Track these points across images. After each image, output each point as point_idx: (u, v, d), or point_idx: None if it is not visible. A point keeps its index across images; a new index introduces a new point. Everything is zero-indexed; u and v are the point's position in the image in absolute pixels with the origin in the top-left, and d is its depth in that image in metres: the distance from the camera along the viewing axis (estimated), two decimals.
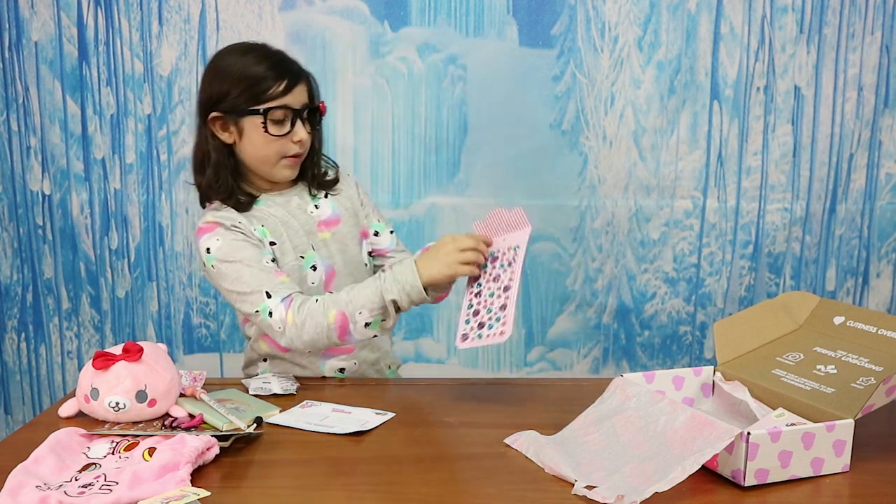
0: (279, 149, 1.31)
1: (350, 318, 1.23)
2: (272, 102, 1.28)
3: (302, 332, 1.24)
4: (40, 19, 1.97)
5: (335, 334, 1.24)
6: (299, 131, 1.31)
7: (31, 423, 1.12)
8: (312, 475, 0.95)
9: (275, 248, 1.34)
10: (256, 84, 1.28)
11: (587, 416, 1.06)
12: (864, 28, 1.99)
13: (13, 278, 2.10)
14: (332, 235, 1.40)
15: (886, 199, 2.06)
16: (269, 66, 1.29)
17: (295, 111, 1.30)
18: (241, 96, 1.28)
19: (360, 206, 1.47)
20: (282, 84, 1.29)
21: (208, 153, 1.34)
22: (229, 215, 1.33)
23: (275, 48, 1.34)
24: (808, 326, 1.19)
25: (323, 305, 1.24)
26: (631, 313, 2.11)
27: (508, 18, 1.98)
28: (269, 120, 1.29)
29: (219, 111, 1.31)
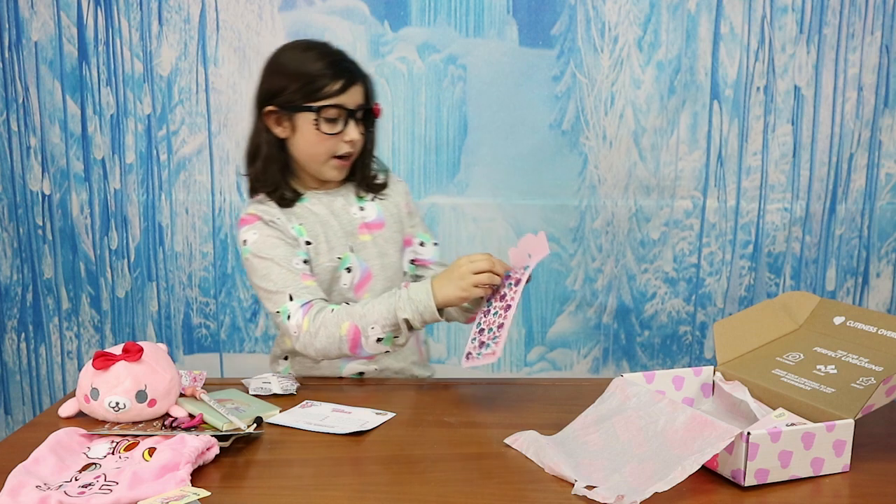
0: (330, 147, 1.32)
1: (362, 332, 1.23)
2: (326, 101, 1.29)
3: (315, 339, 1.25)
4: (40, 19, 1.97)
5: (346, 346, 1.25)
6: (351, 131, 1.31)
7: (31, 423, 1.12)
8: (312, 475, 0.95)
9: (310, 247, 1.34)
10: (313, 81, 1.29)
11: (587, 416, 1.06)
12: (864, 28, 1.99)
13: (13, 278, 2.10)
14: (373, 238, 1.39)
15: (886, 199, 2.06)
16: (328, 65, 1.30)
17: (349, 111, 1.30)
18: (297, 92, 1.29)
19: (406, 213, 1.46)
20: (338, 83, 1.29)
21: (260, 146, 1.35)
22: (270, 210, 1.34)
23: (336, 47, 1.35)
24: (808, 326, 1.19)
25: (337, 316, 1.24)
26: (631, 313, 2.11)
27: (508, 18, 1.98)
28: (322, 118, 1.29)
29: (274, 105, 1.31)
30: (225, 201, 2.05)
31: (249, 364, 2.10)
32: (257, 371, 1.34)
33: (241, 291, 2.08)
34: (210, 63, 1.99)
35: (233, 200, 2.05)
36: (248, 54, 1.99)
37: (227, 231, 2.06)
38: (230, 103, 2.01)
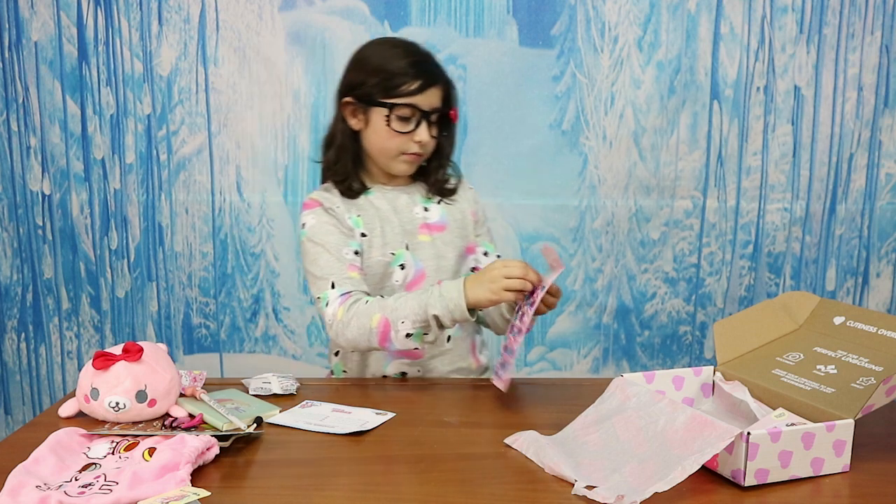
0: (400, 145, 1.32)
1: (392, 326, 1.24)
2: (401, 99, 1.30)
3: (346, 329, 1.27)
4: (40, 19, 1.97)
5: (376, 339, 1.25)
6: (422, 132, 1.31)
7: (31, 423, 1.12)
8: (312, 475, 0.95)
9: (364, 240, 1.36)
10: (391, 78, 1.30)
11: (587, 416, 1.06)
12: (864, 28, 1.99)
13: (13, 278, 2.10)
14: (431, 240, 1.39)
15: (886, 199, 2.06)
16: (409, 64, 1.30)
17: (422, 112, 1.31)
18: (375, 87, 1.31)
19: (472, 221, 1.45)
20: (415, 83, 1.29)
21: (335, 135, 1.38)
22: (331, 198, 1.37)
23: (423, 49, 1.36)
24: (808, 326, 1.19)
25: (370, 308, 1.26)
26: (631, 313, 2.11)
27: (508, 18, 1.98)
28: (394, 115, 1.30)
29: (352, 97, 1.33)
30: (225, 201, 2.05)
31: (249, 364, 2.10)
32: (257, 371, 1.34)
33: (241, 291, 2.08)
34: (210, 63, 1.99)
35: (233, 200, 2.05)
36: (248, 54, 1.99)
37: (227, 231, 2.06)
38: (230, 103, 2.01)
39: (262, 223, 2.06)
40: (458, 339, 1.41)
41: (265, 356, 2.11)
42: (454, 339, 1.40)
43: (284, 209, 2.05)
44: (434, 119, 1.33)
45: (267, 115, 2.01)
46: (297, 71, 2.00)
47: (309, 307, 2.09)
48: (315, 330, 2.10)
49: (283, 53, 1.99)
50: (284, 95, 2.01)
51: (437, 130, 1.35)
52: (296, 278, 2.07)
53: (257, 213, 2.05)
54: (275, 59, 1.99)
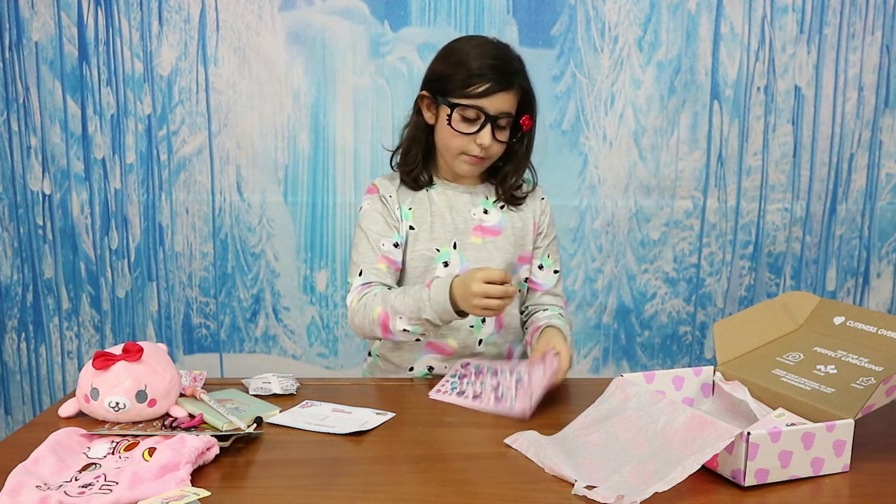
0: (461, 145, 1.33)
1: (391, 319, 1.27)
2: (466, 100, 1.29)
3: (355, 317, 1.32)
4: (40, 19, 1.97)
5: (378, 330, 1.29)
6: (484, 135, 1.30)
7: (31, 423, 1.12)
8: (312, 475, 0.95)
9: (412, 233, 1.37)
10: (462, 78, 1.30)
11: (587, 416, 1.06)
12: (864, 28, 1.99)
13: (13, 278, 2.10)
14: (483, 243, 1.39)
15: (887, 199, 2.06)
16: (484, 66, 1.29)
17: (488, 115, 1.30)
18: (446, 84, 1.31)
19: (533, 231, 1.44)
20: (484, 86, 1.29)
21: (410, 126, 1.40)
22: (389, 186, 1.39)
23: (510, 53, 1.35)
24: (808, 326, 1.19)
25: (375, 300, 1.30)
26: (631, 313, 2.11)
27: (508, 18, 1.98)
28: (457, 115, 1.30)
29: (427, 91, 1.35)
30: (225, 201, 2.05)
31: (249, 364, 2.10)
32: (257, 371, 1.34)
33: (241, 291, 2.08)
34: (210, 63, 1.99)
35: (233, 200, 2.05)
36: (248, 54, 1.99)
37: (227, 231, 2.06)
38: (230, 103, 2.01)
39: (262, 223, 2.06)
40: (489, 343, 1.40)
41: (265, 356, 2.11)
42: (486, 344, 1.40)
43: (284, 209, 2.05)
44: (504, 123, 1.33)
45: (267, 115, 2.01)
46: (297, 71, 2.00)
47: (309, 307, 2.09)
48: (315, 330, 2.10)
49: (283, 53, 1.99)
50: (284, 95, 2.01)
51: (507, 136, 1.34)
52: (296, 278, 2.08)
53: (257, 213, 2.05)
54: (275, 59, 1.99)
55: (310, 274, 2.07)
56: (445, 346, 1.38)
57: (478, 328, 1.39)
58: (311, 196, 2.04)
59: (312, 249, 2.06)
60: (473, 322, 1.38)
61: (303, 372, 1.84)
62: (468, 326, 1.38)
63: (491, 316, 1.25)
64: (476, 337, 1.39)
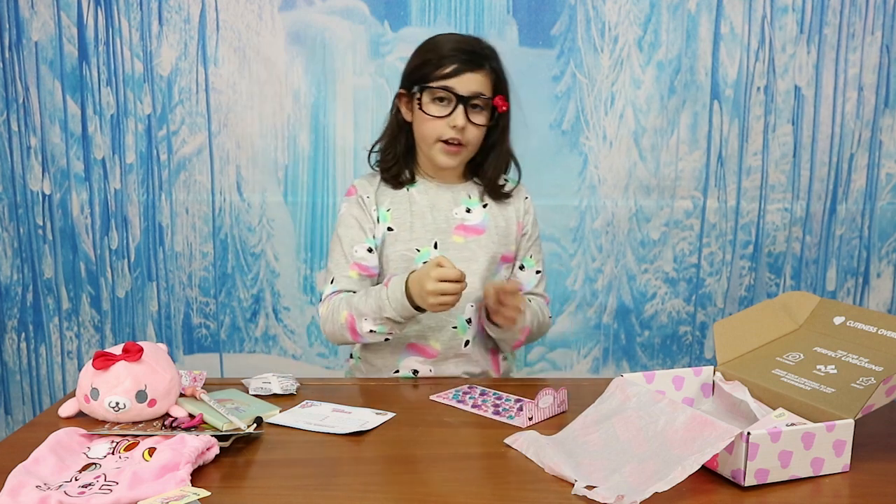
0: (436, 130, 1.32)
1: (357, 322, 1.29)
2: (435, 82, 1.30)
3: (326, 325, 1.34)
4: (40, 19, 1.97)
5: (347, 334, 1.31)
6: (457, 116, 1.30)
7: (31, 423, 1.12)
8: (312, 475, 0.95)
9: (390, 234, 1.36)
10: (424, 66, 1.31)
11: (587, 416, 1.06)
12: (864, 28, 1.99)
13: (13, 278, 2.10)
14: (465, 242, 1.38)
15: (887, 199, 2.06)
16: (453, 49, 1.31)
17: (459, 96, 1.30)
18: (413, 77, 1.33)
19: (517, 230, 1.44)
20: (451, 66, 1.29)
21: (390, 124, 1.40)
22: (367, 187, 1.40)
23: (485, 42, 1.36)
24: (808, 326, 1.19)
25: (340, 305, 1.31)
26: (631, 313, 2.11)
27: (508, 18, 1.98)
28: (427, 98, 1.31)
29: (405, 88, 1.36)
30: (225, 201, 2.05)
31: (249, 364, 2.10)
32: (257, 371, 1.34)
33: (241, 291, 2.08)
34: (210, 63, 1.99)
35: (233, 200, 2.05)
36: (248, 54, 1.99)
37: (227, 231, 2.06)
38: (230, 103, 2.01)
39: (262, 223, 2.06)
40: (476, 343, 1.40)
41: (265, 356, 2.11)
42: (471, 345, 1.39)
43: (284, 209, 2.05)
44: (478, 104, 1.32)
45: (267, 115, 2.01)
46: (297, 71, 2.00)
47: (309, 307, 2.09)
48: (315, 330, 2.10)
49: (283, 53, 1.99)
50: (284, 95, 2.01)
51: (483, 119, 1.33)
52: (296, 278, 2.07)
53: (257, 213, 2.05)
54: (275, 59, 1.99)
55: (310, 274, 2.07)
56: (428, 348, 1.37)
57: (462, 329, 1.38)
58: (311, 196, 2.04)
59: (312, 249, 2.06)
60: (457, 324, 1.37)
61: (303, 372, 1.84)
62: (451, 328, 1.37)
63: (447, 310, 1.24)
64: (461, 338, 1.38)
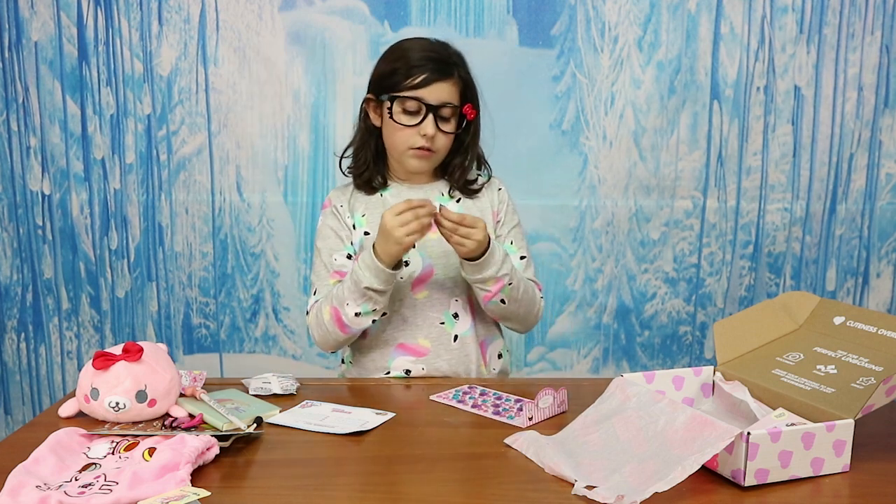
0: (406, 139, 1.33)
1: (341, 311, 1.30)
2: (404, 92, 1.31)
3: (315, 332, 1.36)
4: (40, 19, 1.97)
5: (335, 328, 1.32)
6: (427, 125, 1.31)
7: (31, 423, 1.12)
8: (312, 475, 0.95)
9: (367, 237, 1.37)
10: (394, 74, 1.32)
11: (587, 416, 1.06)
12: (864, 28, 1.99)
13: (13, 278, 2.10)
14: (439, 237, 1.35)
15: (886, 199, 2.06)
16: (422, 58, 1.31)
17: (429, 106, 1.31)
18: (388, 81, 1.33)
19: (492, 220, 1.43)
20: (421, 76, 1.30)
21: (359, 131, 1.40)
22: (340, 196, 1.41)
23: (453, 48, 1.37)
24: (808, 326, 1.19)
25: (321, 305, 1.33)
26: (631, 313, 2.11)
27: (508, 18, 1.98)
28: (397, 108, 1.31)
29: (371, 93, 1.36)
30: (225, 201, 2.05)
31: (249, 364, 2.10)
32: (257, 371, 1.34)
33: (240, 291, 2.08)
34: (210, 63, 1.99)
35: (233, 200, 2.05)
36: (248, 54, 1.99)
37: (227, 231, 2.06)
38: (230, 103, 2.01)
39: (262, 223, 2.06)
40: (464, 339, 1.40)
41: (265, 356, 2.11)
42: (461, 339, 1.39)
43: (284, 209, 2.05)
44: (446, 114, 1.33)
45: (267, 115, 2.02)
46: (297, 71, 2.00)
47: None
48: None
49: (283, 53, 1.99)
50: (284, 95, 2.01)
51: (452, 127, 1.35)
52: (296, 278, 2.07)
53: (257, 213, 2.05)
54: (275, 59, 1.99)
55: (310, 274, 2.07)
56: (418, 347, 1.37)
57: (449, 324, 1.38)
58: (311, 196, 2.04)
59: (312, 249, 2.06)
60: (444, 319, 1.38)
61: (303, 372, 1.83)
62: (438, 324, 1.37)
63: (419, 237, 1.25)
64: (450, 333, 1.38)
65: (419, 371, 1.38)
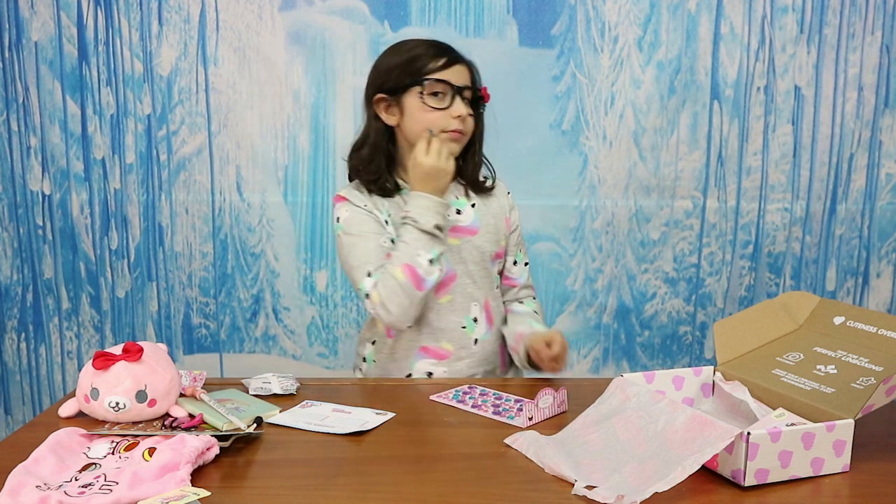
0: (439, 121, 1.33)
1: (415, 264, 1.27)
2: (431, 75, 1.31)
3: (389, 304, 1.28)
4: (40, 19, 1.97)
5: (412, 288, 1.28)
6: (458, 107, 1.32)
7: (31, 423, 1.12)
8: (312, 475, 0.95)
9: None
10: (416, 61, 1.32)
11: (587, 416, 1.06)
12: (864, 28, 1.99)
13: (13, 278, 2.10)
14: (460, 243, 1.38)
15: (886, 199, 2.06)
16: (429, 46, 1.34)
17: (454, 88, 1.32)
18: (402, 74, 1.32)
19: (505, 227, 1.45)
20: (441, 60, 1.32)
21: (368, 135, 1.38)
22: (360, 196, 1.37)
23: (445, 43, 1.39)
24: (808, 326, 1.19)
25: (388, 270, 1.28)
26: (631, 313, 2.11)
27: (508, 18, 1.98)
28: (427, 92, 1.31)
29: (383, 92, 1.34)
30: (225, 201, 2.05)
31: (249, 364, 2.10)
32: (257, 371, 1.34)
33: (241, 291, 2.08)
34: (210, 63, 1.99)
35: (233, 200, 2.05)
36: (248, 54, 1.99)
37: (227, 231, 2.06)
38: (230, 103, 2.01)
39: (262, 223, 2.06)
40: (484, 342, 1.41)
41: (265, 356, 2.11)
42: (481, 342, 1.40)
43: (284, 209, 2.05)
44: (467, 96, 1.35)
45: (267, 115, 2.02)
46: (297, 71, 2.00)
47: (309, 307, 2.09)
48: (315, 330, 2.10)
49: (283, 53, 1.99)
50: (284, 95, 2.01)
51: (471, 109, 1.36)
52: (296, 278, 2.07)
53: (257, 213, 2.05)
54: (275, 59, 1.99)
55: (310, 274, 2.07)
56: (440, 350, 1.38)
57: (470, 328, 1.39)
58: (311, 196, 2.04)
59: (312, 249, 2.06)
60: (465, 323, 1.38)
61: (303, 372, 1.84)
62: (461, 328, 1.38)
63: (456, 147, 1.33)
64: (471, 337, 1.39)
65: (441, 374, 1.38)
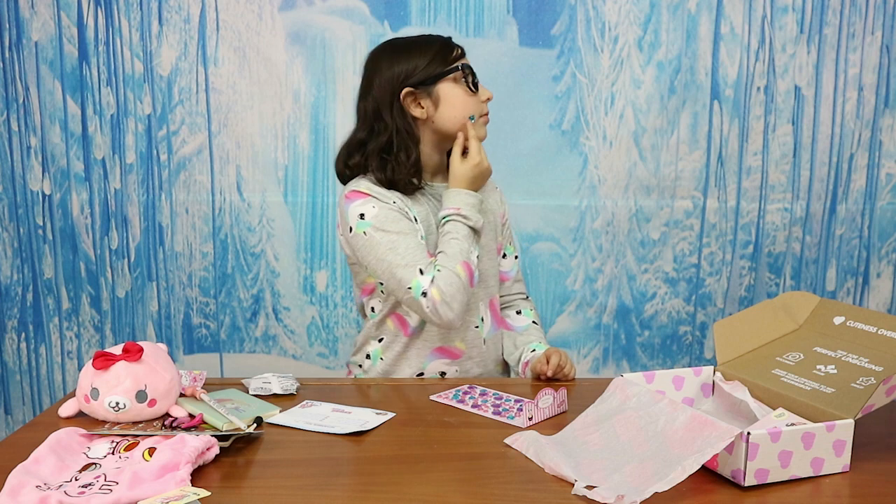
0: (477, 106, 1.35)
1: (471, 263, 1.28)
2: (461, 61, 1.33)
3: (455, 303, 1.25)
4: (40, 19, 1.97)
5: (468, 285, 1.29)
6: (485, 91, 1.35)
7: (31, 423, 1.12)
8: (312, 475, 0.95)
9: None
10: (442, 50, 1.32)
11: (587, 416, 1.06)
12: (864, 28, 1.99)
13: (13, 278, 2.10)
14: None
15: (886, 199, 2.06)
16: (440, 37, 1.35)
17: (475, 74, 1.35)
18: (433, 64, 1.31)
19: (500, 222, 1.47)
20: (459, 49, 1.34)
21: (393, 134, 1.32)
22: (386, 193, 1.31)
23: None
24: (808, 326, 1.19)
25: (448, 268, 1.26)
26: (631, 313, 2.11)
27: (508, 18, 1.98)
28: (468, 78, 1.33)
29: (410, 86, 1.31)
30: (225, 201, 2.05)
31: (249, 364, 2.10)
32: (257, 371, 1.34)
33: (241, 291, 2.08)
34: (210, 63, 1.99)
35: (233, 200, 2.05)
36: (248, 54, 1.99)
37: (227, 231, 2.06)
38: (230, 103, 2.01)
39: (262, 223, 2.06)
40: (491, 340, 1.42)
41: (265, 356, 2.11)
42: (489, 341, 1.41)
43: (284, 209, 2.05)
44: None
45: (267, 115, 2.02)
46: (297, 71, 2.00)
47: (309, 307, 2.08)
48: (315, 330, 2.10)
49: (283, 53, 1.99)
50: (284, 95, 2.01)
51: None
52: (296, 278, 2.07)
53: (257, 213, 2.05)
54: (275, 59, 1.99)
55: (310, 274, 2.07)
56: (454, 350, 1.38)
57: (481, 328, 1.40)
58: (311, 196, 2.04)
59: (312, 249, 2.06)
60: (478, 323, 1.39)
61: (303, 372, 1.84)
62: (474, 327, 1.39)
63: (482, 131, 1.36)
64: (481, 336, 1.40)
65: (453, 373, 1.38)
